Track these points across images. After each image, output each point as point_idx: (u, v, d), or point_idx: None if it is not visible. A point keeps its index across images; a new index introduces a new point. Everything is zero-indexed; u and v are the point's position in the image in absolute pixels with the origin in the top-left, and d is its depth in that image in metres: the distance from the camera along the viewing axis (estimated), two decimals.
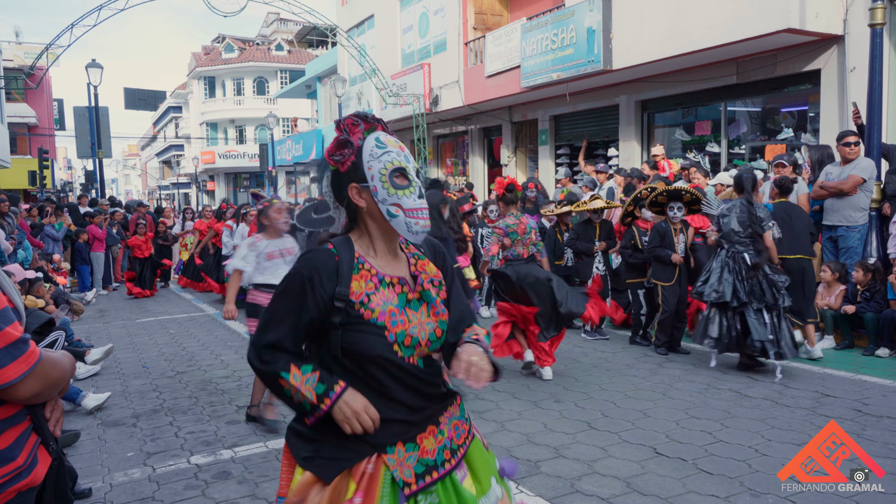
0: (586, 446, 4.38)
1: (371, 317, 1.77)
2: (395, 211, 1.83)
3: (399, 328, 1.79)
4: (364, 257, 1.85)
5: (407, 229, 1.84)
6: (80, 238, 13.17)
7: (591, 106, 13.86)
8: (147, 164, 74.64)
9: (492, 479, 1.95)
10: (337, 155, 1.86)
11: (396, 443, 1.80)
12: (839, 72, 9.21)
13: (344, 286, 1.77)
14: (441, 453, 1.85)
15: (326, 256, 1.80)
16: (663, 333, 6.91)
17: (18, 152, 27.69)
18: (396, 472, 1.77)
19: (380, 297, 1.81)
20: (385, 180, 1.82)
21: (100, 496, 3.83)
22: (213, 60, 44.89)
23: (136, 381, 6.48)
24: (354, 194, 1.85)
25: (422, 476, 1.79)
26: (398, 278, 1.87)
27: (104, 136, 22.32)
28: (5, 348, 1.42)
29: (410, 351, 1.81)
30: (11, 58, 28.73)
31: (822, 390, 5.48)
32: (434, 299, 1.90)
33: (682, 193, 6.90)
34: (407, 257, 1.95)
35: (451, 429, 1.91)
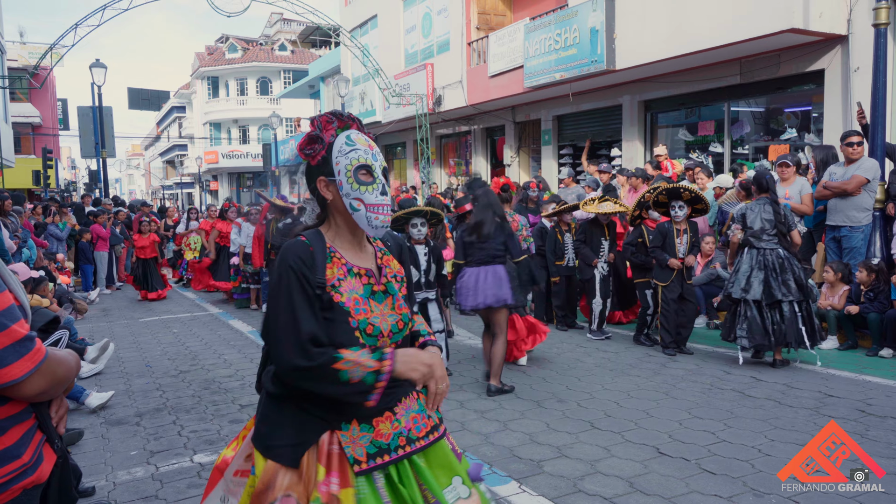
0: (589, 446, 4.37)
1: (340, 300, 1.87)
2: (357, 205, 1.92)
3: (362, 316, 1.89)
4: (335, 248, 1.95)
5: (367, 223, 1.93)
6: (84, 237, 13.19)
7: (594, 106, 13.85)
8: (150, 163, 74.77)
9: (455, 478, 1.98)
10: (307, 149, 1.97)
11: (352, 420, 1.87)
12: (843, 72, 9.20)
13: (320, 274, 1.87)
14: (396, 439, 1.91)
15: (302, 248, 1.89)
16: (668, 333, 6.90)
17: (22, 152, 27.74)
18: (348, 449, 1.84)
19: (348, 285, 1.90)
20: (350, 176, 1.93)
21: (103, 495, 3.84)
22: (217, 60, 44.96)
23: (139, 379, 6.49)
24: (322, 187, 1.96)
25: (373, 456, 1.86)
26: (365, 269, 1.97)
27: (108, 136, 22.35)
28: (11, 346, 1.43)
29: (373, 340, 1.90)
30: (16, 57, 28.79)
31: (826, 391, 5.47)
32: (397, 293, 2.00)
33: (682, 191, 6.88)
34: (374, 250, 2.06)
35: (409, 420, 1.96)
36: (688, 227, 6.94)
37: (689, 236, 6.91)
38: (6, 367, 1.43)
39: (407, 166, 21.92)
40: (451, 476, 1.97)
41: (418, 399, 2.02)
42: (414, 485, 1.89)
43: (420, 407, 2.01)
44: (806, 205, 7.66)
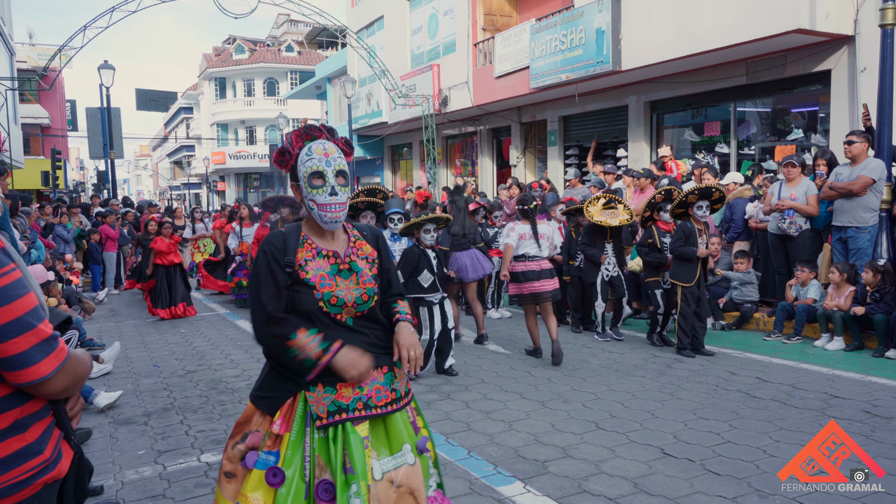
0: (594, 446, 4.39)
1: (305, 276, 2.27)
2: (311, 205, 2.33)
3: (326, 289, 2.27)
4: (308, 236, 2.37)
5: (320, 219, 2.33)
6: (93, 238, 13.27)
7: (600, 107, 13.85)
8: (158, 164, 75.10)
9: (405, 445, 2.32)
10: (279, 160, 2.38)
11: (318, 384, 2.24)
12: (850, 72, 9.18)
13: (291, 256, 2.28)
14: (354, 402, 2.26)
15: (277, 236, 2.33)
16: (685, 335, 6.85)
17: (32, 153, 27.92)
18: (312, 407, 2.23)
19: (315, 265, 2.30)
20: (306, 181, 2.32)
21: (111, 493, 3.88)
22: (224, 62, 45.12)
23: (147, 379, 6.54)
24: (294, 190, 2.40)
25: (332, 414, 2.23)
26: (332, 252, 2.36)
27: (116, 137, 22.50)
28: (39, 345, 1.48)
29: (338, 309, 2.29)
30: (25, 59, 28.99)
31: (831, 392, 5.46)
32: (362, 270, 2.37)
33: (713, 191, 6.86)
34: (349, 237, 2.44)
35: (372, 390, 2.31)
36: (703, 226, 6.89)
37: (707, 236, 6.87)
38: (34, 365, 1.48)
39: (413, 167, 21.96)
40: (402, 444, 2.31)
41: (387, 374, 2.37)
42: (340, 447, 2.20)
43: (386, 380, 2.35)
44: (812, 205, 7.65)
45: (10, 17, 23.06)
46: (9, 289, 1.46)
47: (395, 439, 2.31)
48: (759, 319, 8.11)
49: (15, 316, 1.45)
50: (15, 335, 1.45)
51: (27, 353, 1.47)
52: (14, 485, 1.50)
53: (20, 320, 1.46)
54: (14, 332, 1.45)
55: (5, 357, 1.45)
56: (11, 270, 1.48)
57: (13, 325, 1.45)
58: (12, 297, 1.45)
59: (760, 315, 8.13)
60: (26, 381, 1.48)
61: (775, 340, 7.43)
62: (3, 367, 1.46)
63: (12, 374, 1.47)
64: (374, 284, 2.38)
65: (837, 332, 7.00)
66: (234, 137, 46.69)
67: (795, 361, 6.50)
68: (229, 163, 44.95)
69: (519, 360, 6.89)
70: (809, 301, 7.37)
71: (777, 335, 7.51)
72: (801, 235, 7.74)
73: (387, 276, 2.49)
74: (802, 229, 7.72)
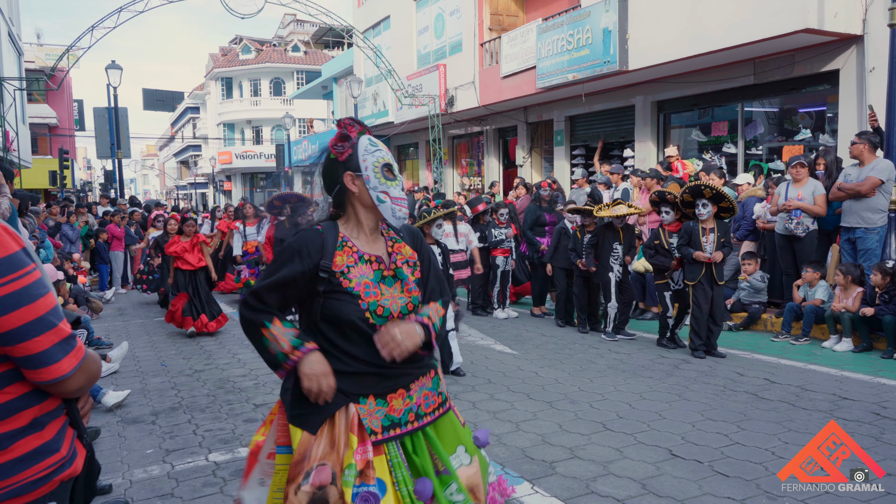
0: (601, 447, 4.38)
1: (349, 285, 2.08)
2: (383, 197, 2.15)
3: (372, 298, 2.09)
4: (348, 237, 2.17)
5: (392, 214, 2.16)
6: (101, 237, 13.32)
7: (606, 107, 13.83)
8: (165, 164, 75.34)
9: (459, 447, 2.22)
10: (339, 146, 2.18)
11: (368, 395, 2.09)
12: (858, 72, 9.14)
13: (328, 259, 2.08)
14: (406, 414, 2.13)
15: (314, 234, 2.13)
16: (697, 336, 6.79)
17: (39, 152, 28.07)
18: (366, 421, 2.06)
19: (358, 271, 2.11)
20: (378, 171, 2.15)
21: (119, 492, 3.89)
22: (231, 61, 45.22)
23: (154, 378, 6.55)
24: (349, 181, 2.17)
25: (386, 429, 2.09)
26: (376, 256, 2.18)
27: (123, 137, 22.58)
28: (59, 343, 1.51)
29: (383, 320, 2.09)
30: (33, 59, 29.15)
31: (840, 393, 5.44)
32: (407, 277, 2.20)
33: (703, 189, 6.79)
34: (385, 240, 2.26)
35: (421, 397, 2.18)
36: (716, 226, 6.79)
37: (716, 235, 6.76)
38: (56, 364, 1.50)
39: (419, 167, 21.96)
40: (457, 445, 2.22)
41: (435, 377, 2.25)
42: (426, 453, 2.12)
43: (433, 385, 2.23)
44: (819, 206, 7.62)
45: (18, 18, 23.17)
46: (32, 288, 1.48)
47: (448, 442, 2.21)
48: (766, 320, 8.09)
49: (38, 315, 1.47)
50: (38, 334, 1.47)
51: (49, 352, 1.49)
52: (32, 482, 1.51)
53: (43, 319, 1.48)
54: (37, 331, 1.47)
55: (28, 355, 1.47)
56: (33, 270, 1.50)
57: (36, 324, 1.47)
58: (35, 297, 1.48)
59: (768, 316, 8.10)
60: (48, 378, 1.50)
61: (783, 341, 7.40)
62: (25, 366, 1.49)
63: (34, 373, 1.49)
64: (418, 292, 2.22)
65: (846, 334, 6.96)
66: (240, 137, 46.81)
67: (804, 363, 6.48)
68: (236, 162, 45.06)
69: (526, 360, 6.88)
70: (818, 302, 7.34)
71: (785, 336, 7.48)
72: (808, 236, 7.71)
73: (430, 285, 2.30)
74: (810, 230, 7.69)
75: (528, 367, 6.61)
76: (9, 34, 19.54)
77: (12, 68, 19.66)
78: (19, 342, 1.45)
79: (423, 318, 2.17)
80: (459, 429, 2.27)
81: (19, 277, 1.45)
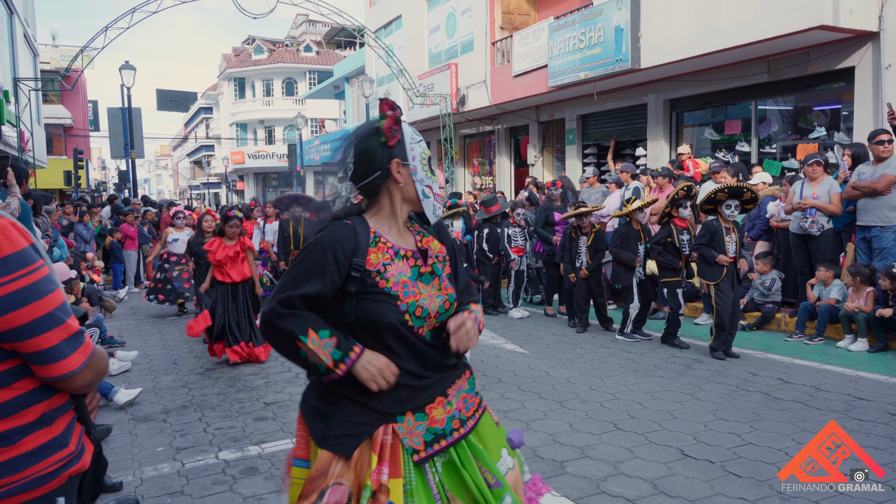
0: (612, 447, 4.35)
1: (386, 286, 1.88)
2: (428, 192, 2.00)
3: (411, 298, 1.90)
4: (379, 232, 1.96)
5: (433, 211, 2.02)
6: (115, 237, 13.41)
7: (618, 105, 13.76)
8: (178, 164, 75.83)
9: (502, 450, 2.05)
10: (394, 129, 1.96)
11: (406, 412, 1.89)
12: (874, 69, 9.03)
13: (361, 257, 1.87)
14: (450, 423, 1.94)
15: (346, 230, 1.91)
16: (720, 337, 6.66)
17: (54, 153, 28.30)
18: (406, 440, 1.87)
19: (395, 269, 1.92)
20: (425, 164, 2.00)
21: (130, 490, 3.91)
22: (243, 62, 45.46)
23: (166, 377, 6.58)
24: (395, 169, 1.96)
25: (430, 444, 1.90)
26: (412, 252, 1.99)
27: (137, 137, 22.72)
28: (68, 339, 1.51)
29: (421, 322, 1.91)
30: (48, 60, 29.41)
31: (855, 393, 5.37)
32: (442, 273, 2.03)
33: (744, 191, 6.67)
34: (413, 234, 2.07)
35: (460, 401, 2.00)
36: (733, 225, 6.73)
37: (737, 235, 6.70)
38: (65, 360, 1.51)
39: None
40: (500, 448, 2.04)
41: (470, 377, 2.07)
42: (474, 466, 1.93)
43: (471, 387, 2.06)
44: (835, 204, 7.54)
45: (34, 20, 23.38)
46: (41, 284, 1.48)
47: (492, 446, 2.04)
48: (780, 320, 8.01)
49: (47, 311, 1.48)
50: (46, 330, 1.48)
51: (58, 348, 1.49)
52: (41, 476, 1.52)
53: (52, 315, 1.48)
54: (46, 327, 1.47)
55: (37, 351, 1.48)
56: (41, 266, 1.50)
57: (45, 320, 1.47)
58: (44, 293, 1.48)
59: (782, 315, 8.02)
60: (56, 374, 1.51)
61: (797, 341, 7.33)
62: (33, 361, 1.49)
63: (43, 368, 1.50)
64: (452, 289, 2.04)
65: (861, 334, 6.88)
66: (252, 137, 47.03)
67: (818, 362, 6.41)
68: (248, 162, 45.28)
69: (536, 359, 6.86)
70: (832, 301, 7.26)
71: (799, 336, 7.41)
72: (823, 235, 7.62)
73: (461, 283, 2.13)
74: (825, 228, 7.60)
75: (538, 366, 6.58)
76: (24, 35, 19.71)
77: (28, 69, 19.82)
78: (28, 338, 1.46)
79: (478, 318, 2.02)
80: (496, 430, 2.10)
81: (28, 273, 1.46)
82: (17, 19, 18.46)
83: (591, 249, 8.07)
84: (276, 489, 3.83)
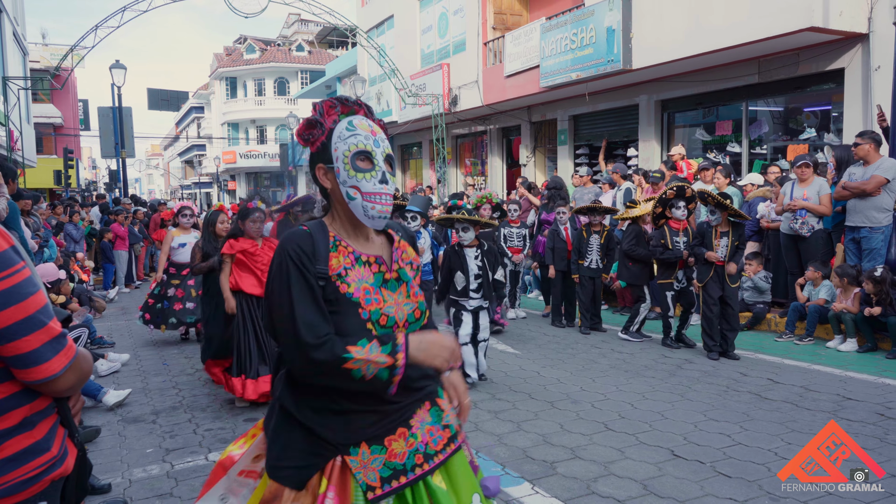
0: (603, 447, 4.35)
1: (347, 290, 1.74)
2: (353, 193, 1.80)
3: (374, 306, 1.76)
4: (339, 237, 1.83)
5: (363, 212, 1.81)
6: (106, 237, 13.33)
7: (610, 106, 13.79)
8: (170, 163, 75.51)
9: (474, 496, 1.85)
10: (306, 134, 1.85)
11: (360, 443, 1.73)
12: (863, 71, 9.08)
13: (322, 264, 1.74)
14: (412, 457, 1.76)
15: (302, 237, 1.77)
16: (710, 338, 6.70)
17: (44, 152, 28.11)
18: (360, 475, 1.70)
19: (356, 274, 1.78)
20: (347, 162, 1.80)
21: (119, 492, 3.88)
22: (235, 61, 45.29)
23: (156, 377, 6.55)
24: (321, 175, 1.85)
25: (388, 480, 1.72)
26: (375, 257, 1.84)
27: (128, 136, 22.62)
28: (49, 342, 1.49)
29: (387, 331, 1.76)
30: (38, 59, 29.20)
31: (844, 393, 5.40)
32: (411, 279, 1.88)
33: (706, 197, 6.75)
34: (387, 239, 1.94)
35: (426, 433, 1.81)
36: (730, 229, 6.69)
37: (730, 239, 6.64)
38: (46, 363, 1.48)
39: (423, 166, 21.96)
40: (472, 493, 1.84)
41: (431, 409, 1.87)
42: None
43: (435, 418, 1.85)
44: (824, 205, 7.57)
45: (23, 18, 23.22)
46: (21, 286, 1.46)
47: (463, 489, 1.83)
48: (770, 320, 8.04)
49: (28, 314, 1.45)
50: (27, 333, 1.45)
51: (39, 351, 1.47)
52: (23, 482, 1.50)
53: (32, 318, 1.46)
54: (27, 330, 1.45)
55: (18, 354, 1.45)
56: (22, 268, 1.48)
57: (26, 323, 1.45)
58: (25, 295, 1.46)
59: (772, 316, 8.06)
60: (38, 378, 1.49)
61: (787, 341, 7.36)
62: (14, 365, 1.47)
63: (23, 372, 1.48)
64: (423, 297, 1.91)
65: (849, 334, 6.92)
66: (244, 137, 46.87)
67: (808, 363, 6.44)
68: (240, 162, 45.14)
69: (528, 359, 6.86)
70: (821, 302, 7.30)
71: (789, 336, 7.44)
72: (813, 236, 7.66)
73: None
74: (815, 229, 7.64)
75: (529, 366, 6.58)
76: (14, 34, 19.58)
77: (17, 68, 19.70)
78: (9, 341, 1.43)
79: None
80: (471, 473, 1.90)
81: (8, 276, 1.43)
82: (6, 17, 18.34)
83: (603, 249, 8.06)
84: None
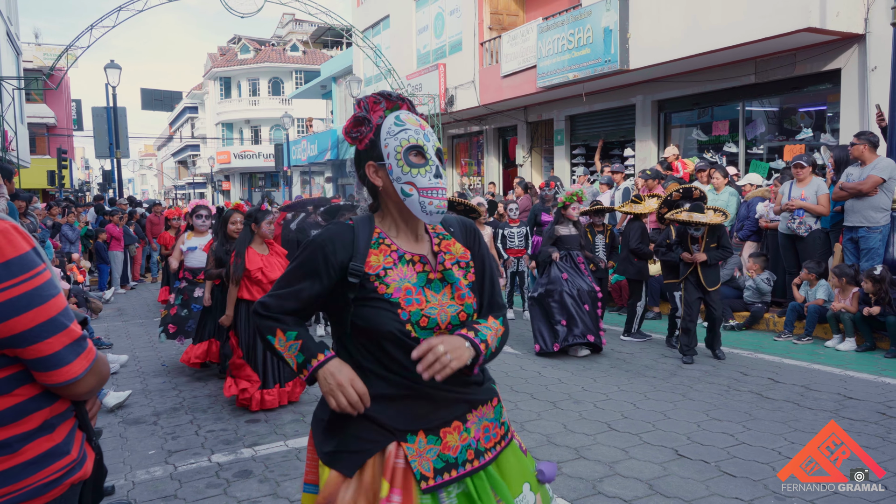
0: (607, 447, 4.36)
1: (385, 291, 1.72)
2: (409, 190, 1.77)
3: (414, 307, 1.73)
4: (385, 234, 1.82)
5: (420, 209, 1.77)
6: (101, 237, 13.28)
7: (607, 106, 13.81)
8: (163, 163, 75.24)
9: (525, 484, 1.87)
10: (354, 132, 1.83)
11: (418, 431, 1.74)
12: (860, 71, 9.12)
13: (359, 260, 1.74)
14: (464, 452, 1.77)
15: (343, 229, 1.80)
16: (686, 336, 6.69)
17: (38, 152, 27.99)
18: (415, 463, 1.71)
19: (397, 273, 1.76)
20: (400, 158, 1.77)
21: (123, 494, 3.86)
22: (229, 61, 45.18)
23: (155, 379, 6.52)
24: (371, 172, 1.82)
25: (440, 472, 1.73)
26: (419, 256, 1.82)
27: (121, 137, 22.50)
28: (71, 345, 1.47)
29: (428, 333, 1.74)
30: (31, 59, 29.08)
31: (845, 393, 5.42)
32: (458, 280, 1.83)
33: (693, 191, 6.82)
34: (430, 237, 1.89)
35: (480, 430, 1.83)
36: (706, 230, 6.71)
37: (705, 240, 6.68)
38: (68, 366, 1.47)
39: None
40: (523, 482, 1.87)
41: (496, 406, 1.90)
42: (491, 498, 1.77)
43: (496, 416, 1.89)
44: (822, 205, 7.60)
45: (16, 17, 23.11)
46: (43, 289, 1.44)
47: (513, 480, 1.85)
48: (769, 320, 8.07)
49: (50, 316, 1.44)
50: (50, 335, 1.43)
51: (61, 354, 1.45)
52: (44, 485, 1.49)
53: (54, 320, 1.44)
54: (49, 333, 1.43)
55: (40, 357, 1.43)
56: (43, 270, 1.46)
57: (48, 326, 1.43)
58: (47, 297, 1.44)
59: (770, 315, 8.08)
60: (59, 381, 1.47)
61: (786, 341, 7.39)
62: (36, 368, 1.45)
63: (45, 375, 1.46)
64: (472, 299, 1.84)
65: (848, 333, 6.95)
66: (238, 137, 46.76)
67: (807, 362, 6.46)
68: (234, 162, 45.02)
69: (529, 360, 6.86)
70: (819, 302, 7.33)
71: (788, 336, 7.47)
72: (810, 235, 7.69)
73: (482, 283, 1.93)
74: (813, 229, 7.67)
75: (530, 366, 6.58)
76: (7, 33, 19.49)
77: (10, 68, 19.61)
78: (31, 344, 1.41)
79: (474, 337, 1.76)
80: (523, 461, 1.92)
81: (31, 278, 1.41)
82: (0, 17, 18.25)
83: (608, 248, 8.08)
84: (270, 492, 3.81)
